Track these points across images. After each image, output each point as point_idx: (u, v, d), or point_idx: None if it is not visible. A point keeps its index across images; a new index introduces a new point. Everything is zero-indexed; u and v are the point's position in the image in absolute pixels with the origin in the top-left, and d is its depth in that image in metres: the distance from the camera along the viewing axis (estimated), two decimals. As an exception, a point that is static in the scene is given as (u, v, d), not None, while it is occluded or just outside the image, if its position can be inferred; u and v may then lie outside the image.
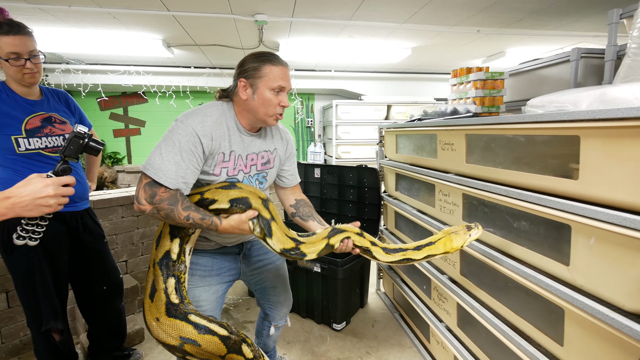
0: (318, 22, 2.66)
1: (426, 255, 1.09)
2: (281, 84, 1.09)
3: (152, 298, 1.03)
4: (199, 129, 1.04)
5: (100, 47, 3.36)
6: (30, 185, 0.81)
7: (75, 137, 0.95)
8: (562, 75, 1.92)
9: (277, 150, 1.27)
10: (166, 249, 1.07)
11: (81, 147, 0.96)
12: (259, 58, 1.10)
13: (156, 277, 1.06)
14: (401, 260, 1.09)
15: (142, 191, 1.00)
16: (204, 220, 1.00)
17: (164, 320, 1.00)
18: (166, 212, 0.98)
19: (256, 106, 1.10)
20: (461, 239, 1.08)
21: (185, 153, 1.01)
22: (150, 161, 1.01)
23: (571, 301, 0.93)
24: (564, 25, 2.75)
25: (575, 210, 0.91)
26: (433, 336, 1.76)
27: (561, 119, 0.94)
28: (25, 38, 1.33)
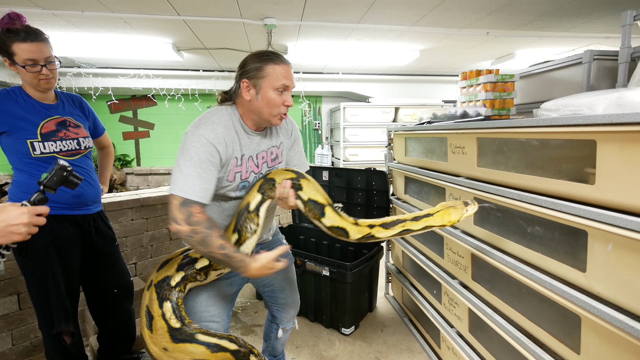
0: (327, 25, 2.66)
1: (424, 226, 1.09)
2: (284, 82, 1.08)
3: (151, 328, 0.99)
4: (212, 138, 1.03)
5: (111, 51, 3.41)
6: (5, 212, 0.81)
7: (60, 169, 0.95)
8: (574, 78, 1.90)
9: (283, 143, 1.28)
10: (168, 273, 1.05)
11: (63, 179, 0.96)
12: (260, 58, 1.08)
13: (151, 301, 1.02)
14: (401, 232, 1.08)
15: (177, 212, 0.98)
16: (236, 253, 0.99)
17: (173, 348, 0.97)
18: (202, 236, 0.97)
19: (260, 107, 1.09)
20: (458, 213, 1.09)
21: (205, 164, 1.02)
22: (175, 181, 1.01)
23: (588, 308, 0.91)
24: (575, 26, 2.71)
25: (592, 216, 0.90)
26: (444, 342, 1.74)
27: (577, 122, 0.92)
28: (42, 45, 1.35)
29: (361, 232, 1.07)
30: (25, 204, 0.87)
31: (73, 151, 1.47)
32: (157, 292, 1.03)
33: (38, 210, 0.86)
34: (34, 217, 0.84)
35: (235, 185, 1.14)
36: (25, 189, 1.39)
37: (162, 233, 2.50)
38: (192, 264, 1.10)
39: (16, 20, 1.34)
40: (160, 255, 2.50)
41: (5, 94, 1.37)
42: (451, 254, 1.65)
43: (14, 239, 0.83)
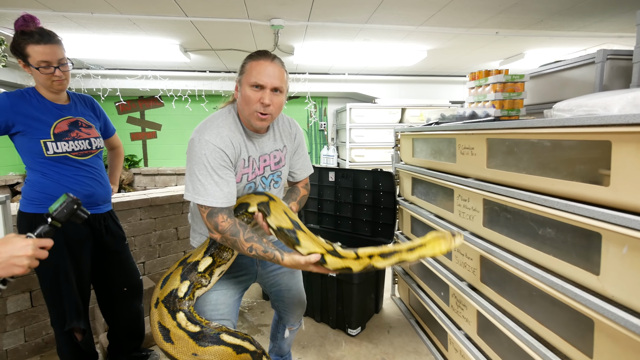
0: (334, 25, 2.66)
1: (418, 256, 1.11)
2: (257, 80, 1.02)
3: (171, 340, 1.00)
4: (219, 142, 1.04)
5: (119, 52, 3.45)
6: (10, 244, 0.79)
7: (71, 202, 0.92)
8: (586, 78, 1.87)
9: (287, 147, 1.27)
10: (174, 287, 1.06)
11: (73, 212, 0.93)
12: (247, 56, 1.08)
13: (162, 316, 1.03)
14: (397, 261, 1.11)
15: (207, 223, 1.05)
16: (266, 253, 1.02)
17: (203, 352, 0.99)
18: (231, 242, 1.03)
19: (242, 105, 1.07)
20: (447, 244, 1.11)
21: (219, 170, 1.03)
22: (195, 189, 1.03)
23: (602, 312, 0.90)
24: (587, 26, 2.67)
25: (606, 218, 0.88)
26: (451, 344, 1.72)
27: (591, 123, 0.91)
28: (55, 47, 1.37)
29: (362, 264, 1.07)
30: (30, 236, 0.84)
31: (85, 151, 1.48)
32: (166, 306, 1.03)
33: (43, 243, 0.83)
34: (37, 250, 0.82)
35: (242, 187, 1.14)
36: (38, 188, 1.42)
37: (169, 233, 2.51)
38: (195, 269, 1.10)
39: (30, 22, 1.36)
40: (168, 255, 2.51)
41: (19, 94, 1.40)
42: (459, 255, 1.63)
43: (14, 271, 0.79)
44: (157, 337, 1.02)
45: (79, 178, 1.47)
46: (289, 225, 1.06)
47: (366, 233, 2.53)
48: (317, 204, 2.73)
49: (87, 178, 1.49)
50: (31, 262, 0.81)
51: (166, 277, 1.09)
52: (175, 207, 2.52)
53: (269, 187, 1.23)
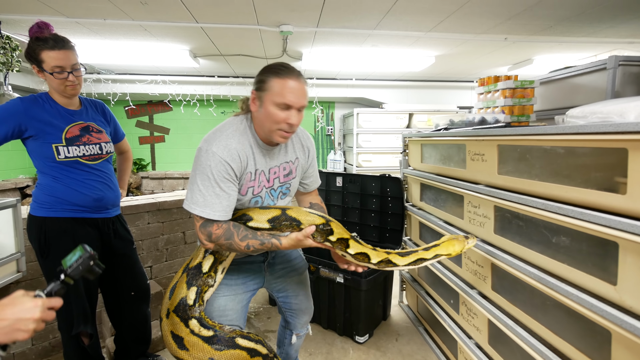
0: (342, 31, 2.67)
1: (435, 255, 1.18)
2: (285, 101, 1.00)
3: (185, 347, 1.00)
4: (226, 155, 1.02)
5: (130, 57, 3.50)
6: (17, 305, 0.71)
7: (88, 258, 0.86)
8: (598, 84, 1.85)
9: (299, 159, 1.26)
10: (182, 296, 1.07)
11: (88, 269, 0.87)
12: (269, 69, 1.05)
13: (174, 325, 1.03)
14: (415, 260, 1.16)
15: (199, 233, 1.05)
16: (264, 244, 1.03)
17: (220, 356, 1.00)
18: (226, 245, 1.04)
19: (262, 120, 1.06)
20: (461, 245, 1.20)
21: (222, 183, 1.02)
22: (194, 199, 1.03)
23: (620, 323, 0.88)
24: (597, 32, 2.65)
25: (623, 227, 0.86)
26: (461, 353, 1.69)
27: (607, 130, 0.90)
28: (69, 52, 1.39)
29: (380, 256, 1.11)
30: (40, 295, 0.77)
31: (95, 156, 1.50)
32: (178, 315, 1.04)
33: (52, 303, 0.76)
34: (45, 312, 0.74)
35: (247, 200, 1.13)
36: (48, 191, 1.43)
37: (177, 237, 2.52)
38: (199, 272, 1.10)
39: (45, 29, 1.39)
40: (175, 259, 2.52)
41: (33, 99, 1.42)
42: (470, 263, 1.61)
43: (17, 337, 0.70)
44: (171, 346, 1.02)
45: (89, 182, 1.48)
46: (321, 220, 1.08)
47: (374, 239, 2.51)
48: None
49: (97, 182, 1.51)
50: (37, 326, 0.73)
51: (173, 287, 1.09)
52: (183, 211, 2.53)
53: (276, 199, 1.21)
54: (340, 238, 1.08)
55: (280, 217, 1.06)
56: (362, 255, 1.09)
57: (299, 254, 1.44)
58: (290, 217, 1.06)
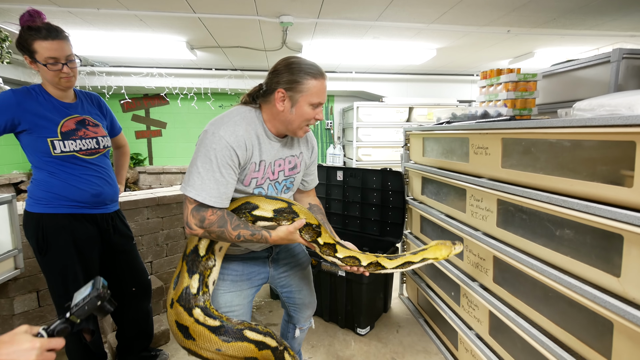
0: (344, 23, 2.64)
1: (422, 258, 1.19)
2: (321, 100, 1.07)
3: (191, 337, 1.00)
4: (232, 141, 1.01)
5: (125, 49, 3.44)
6: (14, 345, 0.67)
7: (96, 298, 0.81)
8: (601, 77, 1.84)
9: (303, 154, 1.25)
10: (185, 285, 1.06)
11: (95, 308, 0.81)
12: (302, 70, 1.04)
13: (178, 315, 1.03)
14: (403, 263, 1.18)
15: (190, 216, 1.01)
16: (254, 235, 1.02)
17: (227, 347, 0.99)
18: (217, 233, 1.01)
19: (292, 119, 1.07)
20: (447, 250, 1.21)
21: (223, 168, 1.00)
22: (191, 182, 1.00)
23: (622, 314, 0.89)
24: (600, 24, 2.64)
25: (629, 220, 0.87)
26: (462, 343, 1.71)
27: (615, 123, 0.89)
28: (63, 43, 1.34)
29: (369, 258, 1.14)
30: (41, 334, 0.73)
31: (92, 150, 1.47)
32: (182, 305, 1.03)
33: (53, 344, 0.72)
34: (43, 354, 0.69)
35: (250, 190, 1.12)
36: (45, 187, 1.40)
37: (177, 232, 2.51)
38: (197, 256, 1.08)
39: (36, 17, 1.33)
40: (175, 254, 2.51)
41: (25, 92, 1.37)
42: (471, 256, 1.62)
43: None
44: (177, 336, 1.01)
45: (87, 177, 1.45)
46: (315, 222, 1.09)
47: (374, 232, 2.52)
48: (325, 203, 2.72)
49: (95, 177, 1.48)
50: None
51: (176, 278, 1.08)
52: (182, 206, 2.51)
53: (280, 193, 1.20)
54: (327, 243, 1.10)
55: (285, 209, 1.06)
56: (352, 259, 1.11)
57: (302, 249, 1.44)
58: (293, 212, 1.06)
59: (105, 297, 0.82)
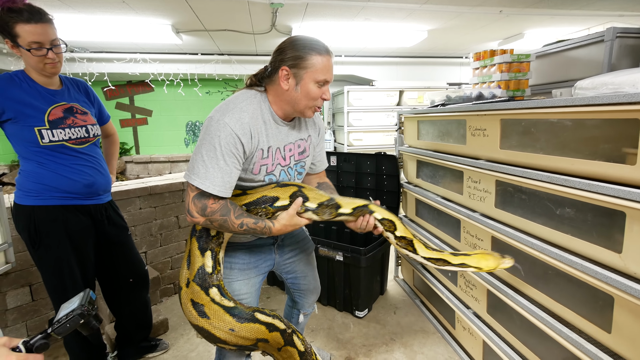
0: (335, 3, 2.56)
1: (461, 263, 1.10)
2: (327, 77, 1.03)
3: (206, 315, 1.00)
4: (237, 128, 0.98)
5: (106, 34, 3.28)
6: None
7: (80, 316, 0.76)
8: (594, 57, 1.85)
9: (311, 137, 1.23)
10: (199, 264, 1.05)
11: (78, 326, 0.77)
12: (306, 46, 1.01)
13: (194, 294, 1.03)
14: (438, 259, 1.11)
15: (192, 204, 0.99)
16: (257, 224, 1.01)
17: (240, 328, 1.00)
18: (219, 222, 0.99)
19: (298, 98, 1.03)
20: (496, 262, 1.10)
21: (227, 156, 0.98)
22: (195, 170, 0.98)
23: (624, 289, 0.91)
24: (590, 4, 2.64)
25: (632, 197, 0.88)
26: (459, 322, 1.76)
27: (620, 101, 0.90)
28: (47, 26, 1.27)
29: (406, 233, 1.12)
30: (20, 348, 0.69)
31: (82, 139, 1.41)
32: (199, 284, 1.03)
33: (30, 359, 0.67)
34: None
35: (261, 178, 1.10)
36: (34, 178, 1.35)
37: (170, 221, 2.47)
38: (208, 235, 1.09)
39: None
40: (169, 243, 2.48)
41: (8, 78, 1.31)
42: (469, 237, 1.64)
43: None
44: (191, 314, 1.01)
45: (79, 167, 1.40)
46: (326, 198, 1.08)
47: (370, 217, 2.53)
48: (320, 189, 2.71)
49: (87, 167, 1.43)
50: None
51: (188, 257, 1.08)
52: (175, 195, 2.46)
53: (293, 178, 1.18)
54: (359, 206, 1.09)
55: (296, 193, 1.06)
56: (389, 222, 1.10)
57: (306, 235, 1.43)
58: (303, 194, 1.06)
59: (89, 314, 0.78)
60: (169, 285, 2.48)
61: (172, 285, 2.50)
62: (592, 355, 1.00)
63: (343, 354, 1.79)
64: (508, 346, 1.39)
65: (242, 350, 1.13)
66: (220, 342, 1.01)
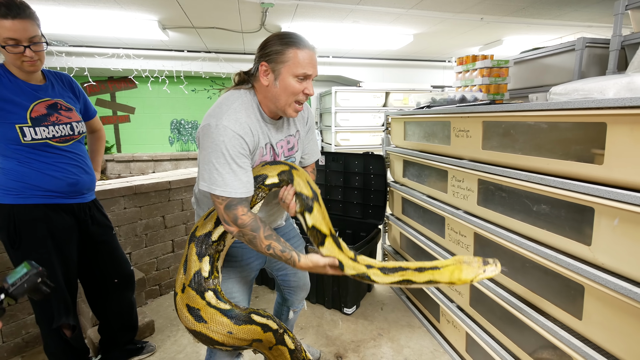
0: (325, 5, 2.61)
1: (429, 280, 0.95)
2: (306, 71, 1.01)
3: (203, 319, 1.00)
4: (238, 129, 0.98)
5: (87, 27, 3.18)
6: None
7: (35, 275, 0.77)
8: (566, 64, 1.98)
9: (299, 132, 1.25)
10: (196, 269, 1.05)
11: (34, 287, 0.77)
12: (283, 40, 1.00)
13: (190, 298, 1.02)
14: (400, 281, 0.97)
15: (224, 214, 1.00)
16: (284, 253, 1.00)
17: (237, 330, 1.01)
18: (249, 237, 1.00)
19: (277, 94, 1.03)
20: (472, 272, 0.93)
21: (237, 158, 0.98)
22: (212, 179, 0.98)
23: (593, 278, 0.99)
24: (562, 15, 2.80)
25: (600, 194, 0.96)
26: (443, 316, 1.83)
27: (589, 106, 0.98)
28: (26, 22, 1.21)
29: (356, 269, 0.99)
30: None
31: (66, 137, 1.37)
32: (194, 289, 1.02)
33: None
34: None
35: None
36: (15, 177, 1.30)
37: (156, 221, 2.43)
38: (208, 241, 1.07)
39: None
40: (155, 244, 2.44)
41: None
42: (453, 233, 1.72)
43: None
44: (187, 320, 1.00)
45: (62, 165, 1.36)
46: (308, 193, 1.05)
47: (357, 215, 2.59)
48: (308, 188, 2.74)
49: (71, 165, 1.39)
50: None
51: (185, 261, 1.07)
52: (161, 195, 2.43)
53: None
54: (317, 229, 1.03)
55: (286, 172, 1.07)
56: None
57: (297, 232, 1.45)
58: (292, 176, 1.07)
59: (43, 275, 0.79)
60: (154, 287, 2.44)
61: (158, 287, 2.46)
62: (565, 341, 1.08)
63: (332, 350, 1.83)
64: (489, 336, 1.47)
65: (235, 350, 1.14)
66: (217, 344, 1.02)
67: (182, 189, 2.53)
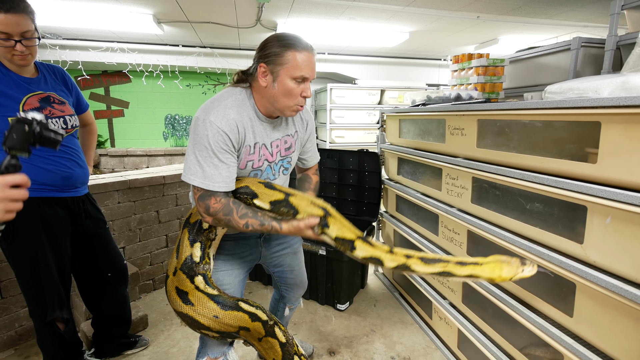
0: (321, 2, 2.59)
1: (470, 274, 0.95)
2: (304, 74, 1.02)
3: (190, 302, 1.01)
4: (223, 125, 0.99)
5: (81, 20, 3.13)
6: None
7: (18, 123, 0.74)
8: (561, 64, 1.99)
9: (298, 132, 1.25)
10: (187, 254, 1.06)
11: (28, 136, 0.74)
12: (282, 42, 1.01)
13: (180, 281, 1.04)
14: (441, 272, 0.97)
15: (198, 205, 1.02)
16: (263, 225, 1.00)
17: (224, 315, 1.02)
18: (225, 221, 1.01)
19: (276, 95, 1.04)
20: (512, 271, 0.94)
21: (220, 154, 1.00)
22: (192, 170, 1.00)
23: (585, 276, 1.00)
24: (558, 14, 2.82)
25: (593, 192, 0.97)
26: (436, 312, 1.84)
27: (584, 105, 0.98)
28: (19, 17, 1.19)
29: (396, 260, 0.98)
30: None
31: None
32: (185, 272, 1.04)
33: (10, 180, 0.64)
34: (7, 191, 0.63)
35: (247, 173, 1.12)
36: None
37: (150, 216, 2.42)
38: (201, 228, 1.09)
39: None
40: (149, 239, 2.42)
41: None
42: (446, 231, 1.73)
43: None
44: (175, 301, 1.02)
45: (56, 159, 1.35)
46: (319, 213, 1.00)
47: (351, 212, 2.58)
48: (303, 185, 2.74)
49: (64, 159, 1.38)
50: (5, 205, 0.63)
51: (178, 246, 1.09)
52: (155, 190, 2.41)
53: (278, 173, 1.20)
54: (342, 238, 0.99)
55: (282, 202, 1.03)
56: (374, 260, 0.98)
57: None
58: (290, 205, 1.03)
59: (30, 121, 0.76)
60: (148, 282, 2.43)
61: (152, 281, 2.45)
62: (556, 338, 1.09)
63: (325, 345, 1.84)
64: (481, 333, 1.48)
65: (225, 338, 1.14)
66: (204, 328, 1.03)
67: (176, 184, 2.52)
